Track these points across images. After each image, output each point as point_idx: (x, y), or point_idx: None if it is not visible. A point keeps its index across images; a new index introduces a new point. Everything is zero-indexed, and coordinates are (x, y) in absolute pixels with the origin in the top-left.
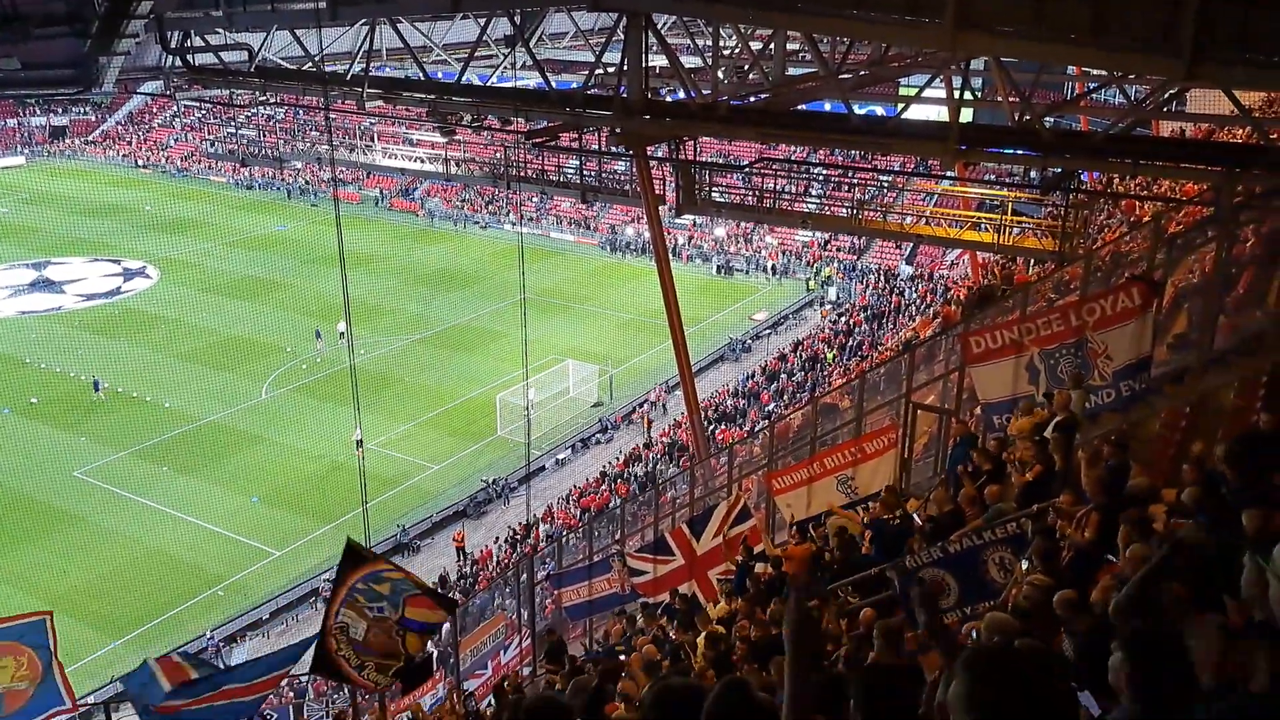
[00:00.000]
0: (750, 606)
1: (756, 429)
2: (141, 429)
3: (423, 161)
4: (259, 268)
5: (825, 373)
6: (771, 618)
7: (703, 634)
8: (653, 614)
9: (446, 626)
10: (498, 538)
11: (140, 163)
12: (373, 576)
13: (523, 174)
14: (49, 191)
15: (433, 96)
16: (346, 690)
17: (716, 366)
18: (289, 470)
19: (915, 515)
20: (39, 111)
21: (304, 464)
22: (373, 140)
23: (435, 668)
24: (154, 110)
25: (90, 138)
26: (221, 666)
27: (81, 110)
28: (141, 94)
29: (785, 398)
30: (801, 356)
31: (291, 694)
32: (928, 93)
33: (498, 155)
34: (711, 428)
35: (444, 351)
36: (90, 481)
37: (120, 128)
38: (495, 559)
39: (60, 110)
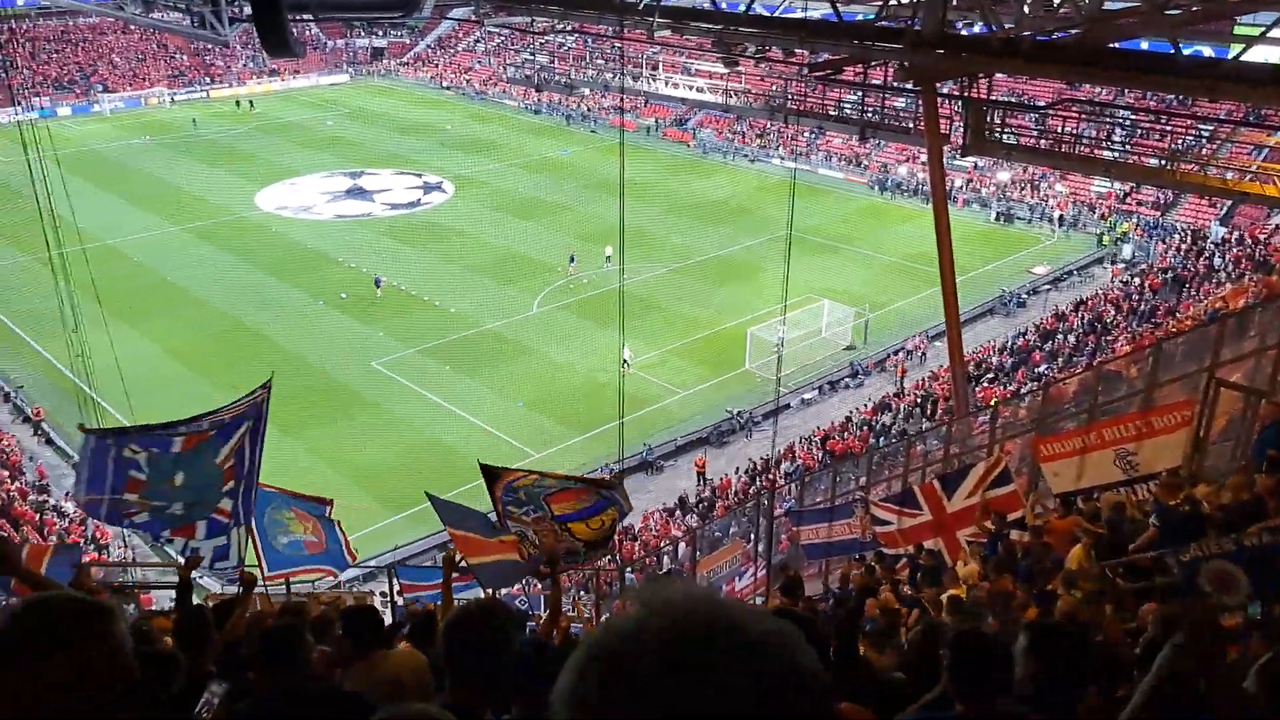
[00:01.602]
0: (998, 573)
1: (1024, 390)
2: (430, 330)
3: (701, 92)
4: (542, 190)
5: (1110, 338)
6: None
7: (947, 593)
8: (891, 565)
9: (684, 547)
10: (738, 468)
11: (444, 84)
12: (508, 489)
13: (800, 108)
14: (367, 108)
15: (720, 27)
16: None
17: (984, 320)
18: (552, 381)
19: (1204, 502)
20: (363, 34)
21: (565, 376)
22: (655, 69)
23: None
24: (459, 35)
25: (403, 59)
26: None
27: (398, 34)
28: (450, 19)
29: (1059, 360)
30: (1083, 318)
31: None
32: (1275, 33)
33: (775, 88)
34: (972, 384)
35: (703, 282)
36: (385, 372)
37: (429, 51)
38: (733, 488)
39: (380, 33)
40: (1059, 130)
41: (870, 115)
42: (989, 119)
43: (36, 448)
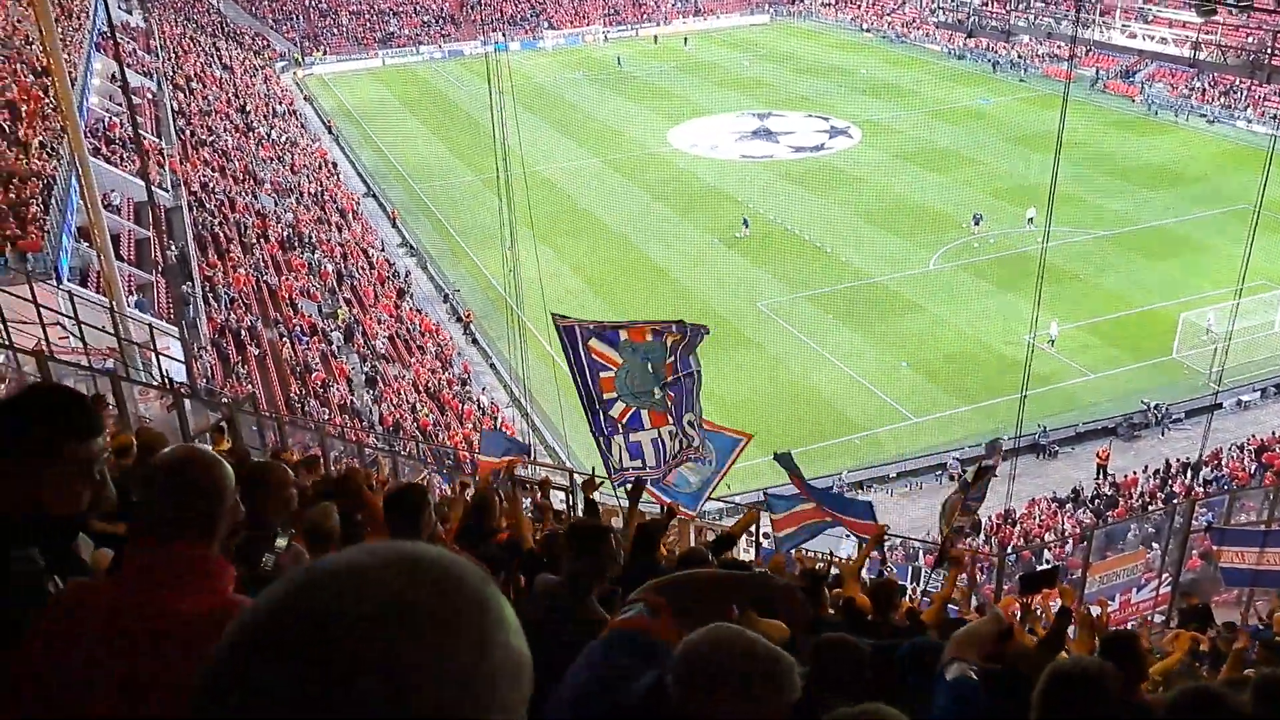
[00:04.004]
0: None
1: None
2: (818, 276)
3: (1164, 43)
4: (954, 140)
5: None
6: None
7: None
8: None
9: (1072, 543)
10: (1146, 466)
11: (864, 26)
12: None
13: None
14: (782, 49)
15: None
16: None
17: None
18: (941, 343)
19: None
20: None
21: (956, 340)
22: (1110, 16)
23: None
24: None
25: (826, 0)
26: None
27: None
28: None
29: None
30: None
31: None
32: None
33: (1255, 39)
34: None
35: (1133, 254)
36: (768, 314)
37: None
38: (1139, 489)
39: None
40: None
41: None
42: None
43: (464, 345)
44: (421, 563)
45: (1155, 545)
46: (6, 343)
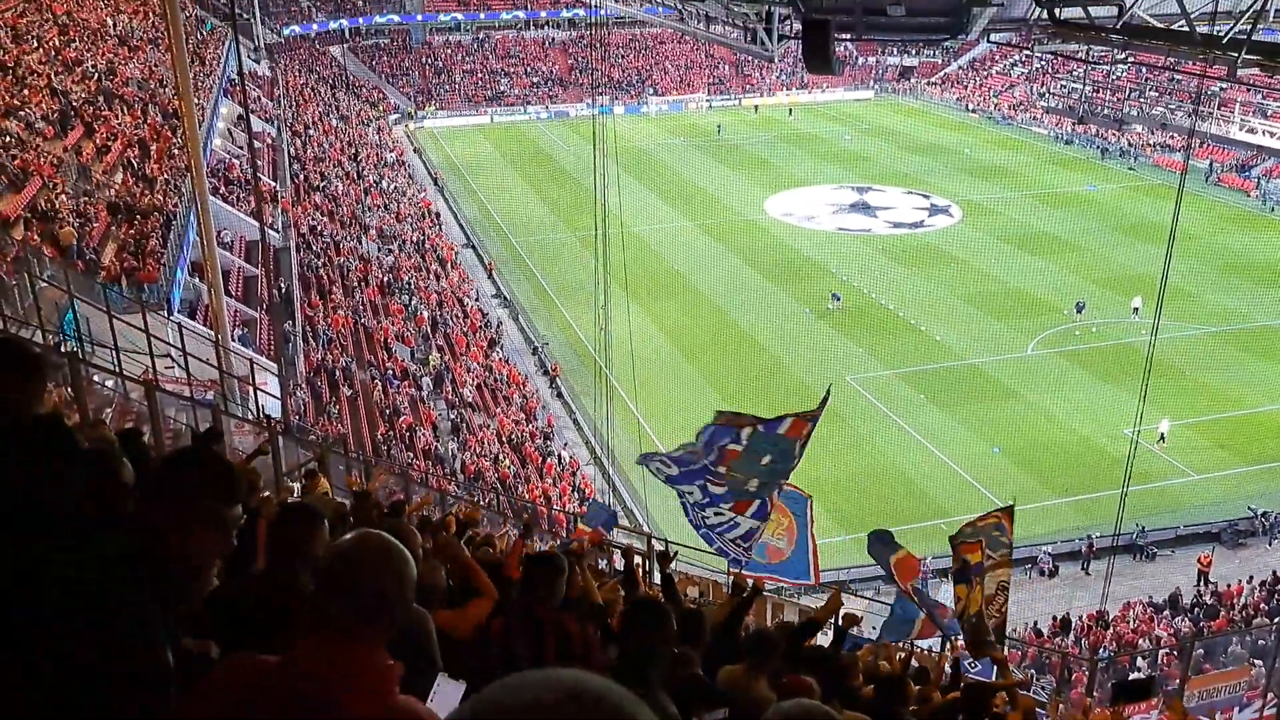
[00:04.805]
0: None
1: None
2: (911, 354)
3: None
4: (1057, 225)
5: None
6: None
7: None
8: None
9: (1166, 652)
10: (1251, 577)
11: (970, 107)
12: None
13: None
14: (885, 125)
15: None
16: None
17: None
18: (1036, 431)
19: None
20: (895, 52)
21: (1053, 430)
22: (1228, 109)
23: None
24: (995, 57)
25: (932, 79)
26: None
27: (930, 53)
28: (993, 43)
29: None
30: None
31: None
32: None
33: None
34: None
35: (1243, 352)
36: (858, 389)
37: (960, 72)
38: (1242, 600)
39: (913, 52)
40: None
41: None
42: None
43: (549, 399)
44: (598, 701)
45: (1259, 662)
46: (118, 370)
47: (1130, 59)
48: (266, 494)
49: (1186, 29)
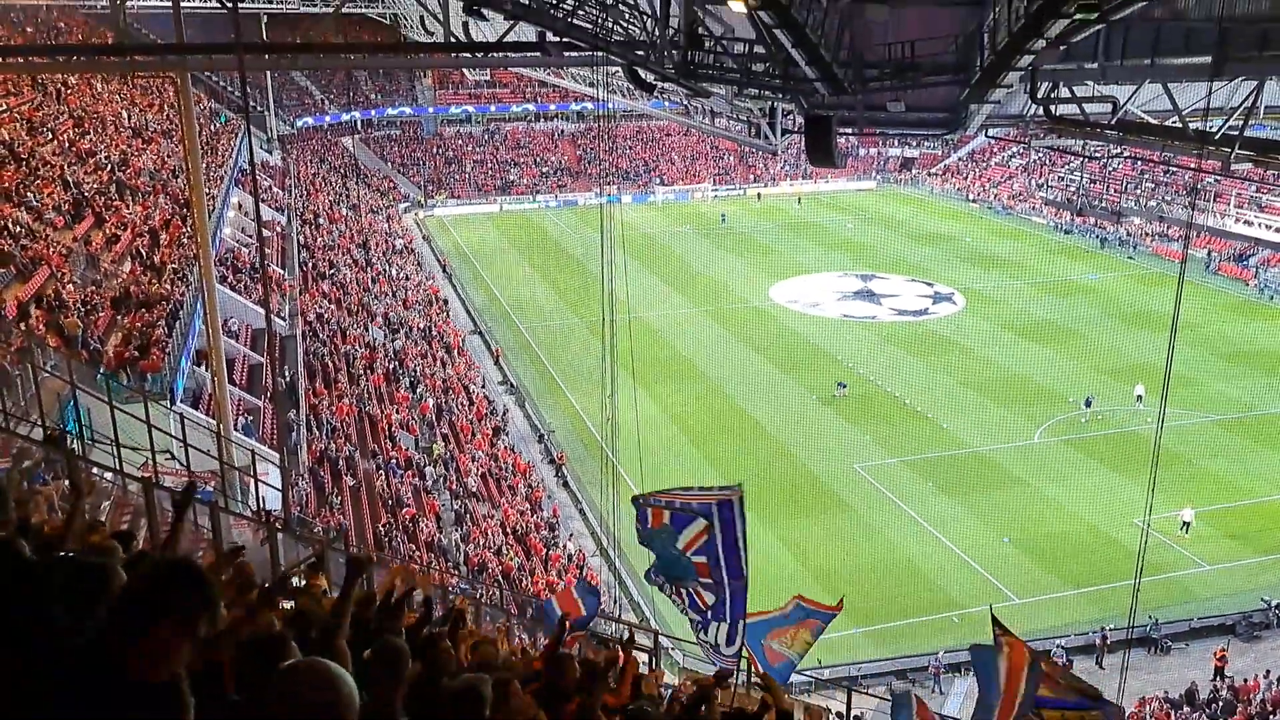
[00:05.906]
0: None
1: None
2: (918, 442)
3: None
4: (1059, 313)
5: None
6: None
7: None
8: None
9: None
10: (1268, 671)
11: (970, 197)
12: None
13: None
14: (888, 214)
15: None
16: None
17: None
18: (1045, 521)
19: None
20: (896, 144)
21: (1062, 519)
22: (1226, 203)
23: None
24: (994, 150)
25: (933, 170)
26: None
27: (930, 146)
28: (992, 137)
29: None
30: None
31: None
32: None
33: None
34: None
35: (1248, 441)
36: (865, 477)
37: (961, 163)
38: (1260, 695)
39: (914, 144)
40: None
41: None
42: None
43: (555, 488)
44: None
45: None
46: (117, 467)
47: (1126, 153)
48: (265, 584)
49: (1180, 125)
